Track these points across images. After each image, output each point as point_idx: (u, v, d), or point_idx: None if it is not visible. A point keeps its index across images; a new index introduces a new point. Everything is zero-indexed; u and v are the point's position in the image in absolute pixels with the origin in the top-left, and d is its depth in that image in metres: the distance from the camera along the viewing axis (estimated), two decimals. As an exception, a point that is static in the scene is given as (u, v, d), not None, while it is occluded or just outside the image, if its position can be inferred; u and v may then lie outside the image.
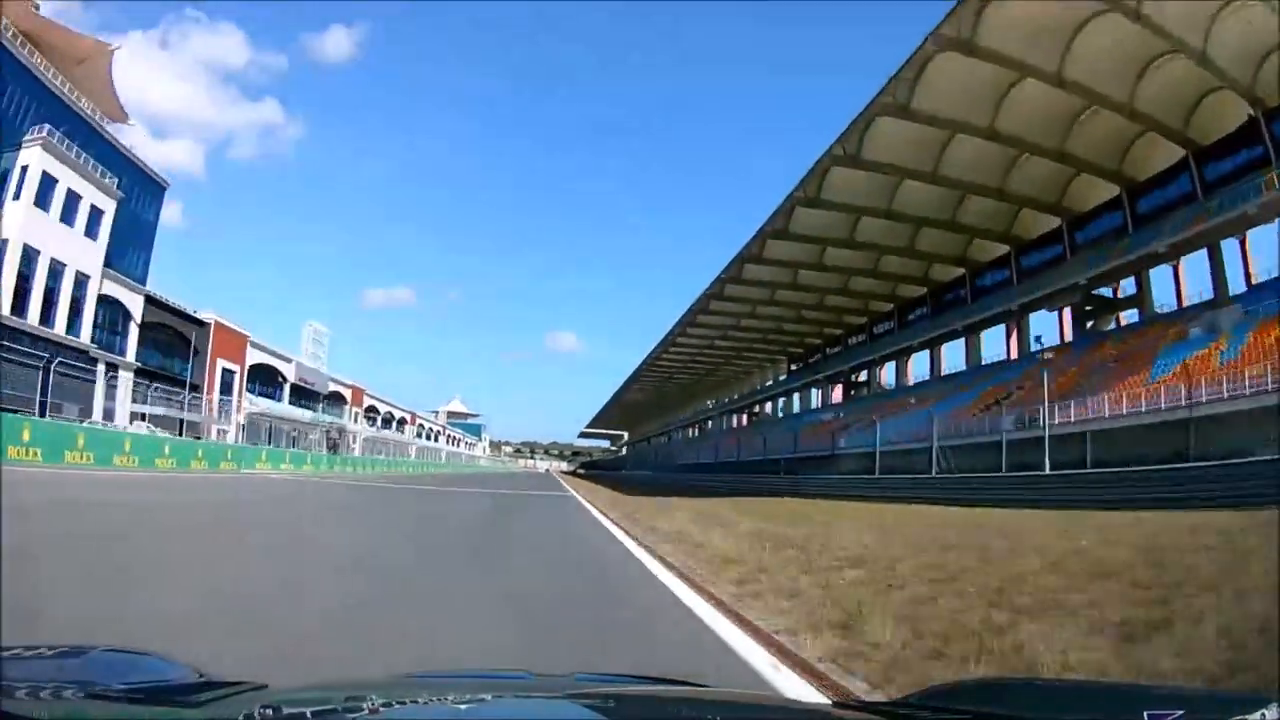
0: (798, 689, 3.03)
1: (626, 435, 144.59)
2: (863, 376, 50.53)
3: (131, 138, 37.64)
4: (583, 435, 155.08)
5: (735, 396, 75.88)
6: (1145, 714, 1.04)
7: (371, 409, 73.11)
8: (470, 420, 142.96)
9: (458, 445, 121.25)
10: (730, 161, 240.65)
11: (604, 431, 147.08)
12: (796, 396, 61.64)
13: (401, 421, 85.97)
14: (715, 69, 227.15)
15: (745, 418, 73.49)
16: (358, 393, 69.56)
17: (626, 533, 10.12)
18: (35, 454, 16.48)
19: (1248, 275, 26.55)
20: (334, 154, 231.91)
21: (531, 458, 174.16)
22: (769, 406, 69.57)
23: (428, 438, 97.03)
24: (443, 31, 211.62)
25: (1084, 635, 3.61)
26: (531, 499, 20.36)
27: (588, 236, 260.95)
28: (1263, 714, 0.99)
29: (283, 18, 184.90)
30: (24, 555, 4.54)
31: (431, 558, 7.14)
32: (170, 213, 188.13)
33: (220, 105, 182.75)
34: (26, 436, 16.73)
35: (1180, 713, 1.05)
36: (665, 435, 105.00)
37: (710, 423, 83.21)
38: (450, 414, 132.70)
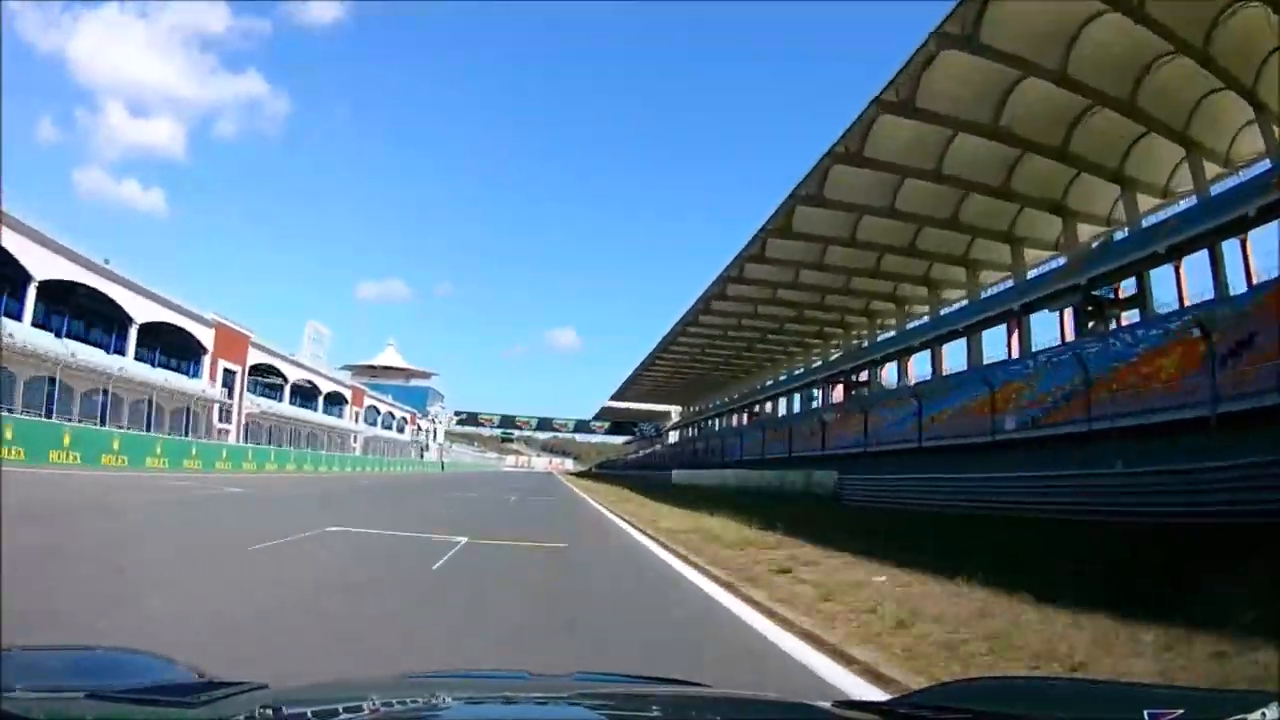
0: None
1: (676, 413, 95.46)
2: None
3: (112, 116, 37.05)
4: (601, 416, 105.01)
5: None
6: (1145, 714, 1.05)
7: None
8: (415, 383, 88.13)
9: (352, 419, 64.78)
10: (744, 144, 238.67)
11: (637, 407, 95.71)
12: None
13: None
14: (720, 62, 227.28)
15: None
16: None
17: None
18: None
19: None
20: (322, 132, 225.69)
21: (509, 439, 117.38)
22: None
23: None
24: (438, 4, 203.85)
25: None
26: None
27: (594, 222, 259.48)
28: (1263, 713, 1.00)
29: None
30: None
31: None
32: (153, 199, 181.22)
33: (200, 76, 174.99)
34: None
35: (1180, 712, 1.06)
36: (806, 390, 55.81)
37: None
38: (369, 369, 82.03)
